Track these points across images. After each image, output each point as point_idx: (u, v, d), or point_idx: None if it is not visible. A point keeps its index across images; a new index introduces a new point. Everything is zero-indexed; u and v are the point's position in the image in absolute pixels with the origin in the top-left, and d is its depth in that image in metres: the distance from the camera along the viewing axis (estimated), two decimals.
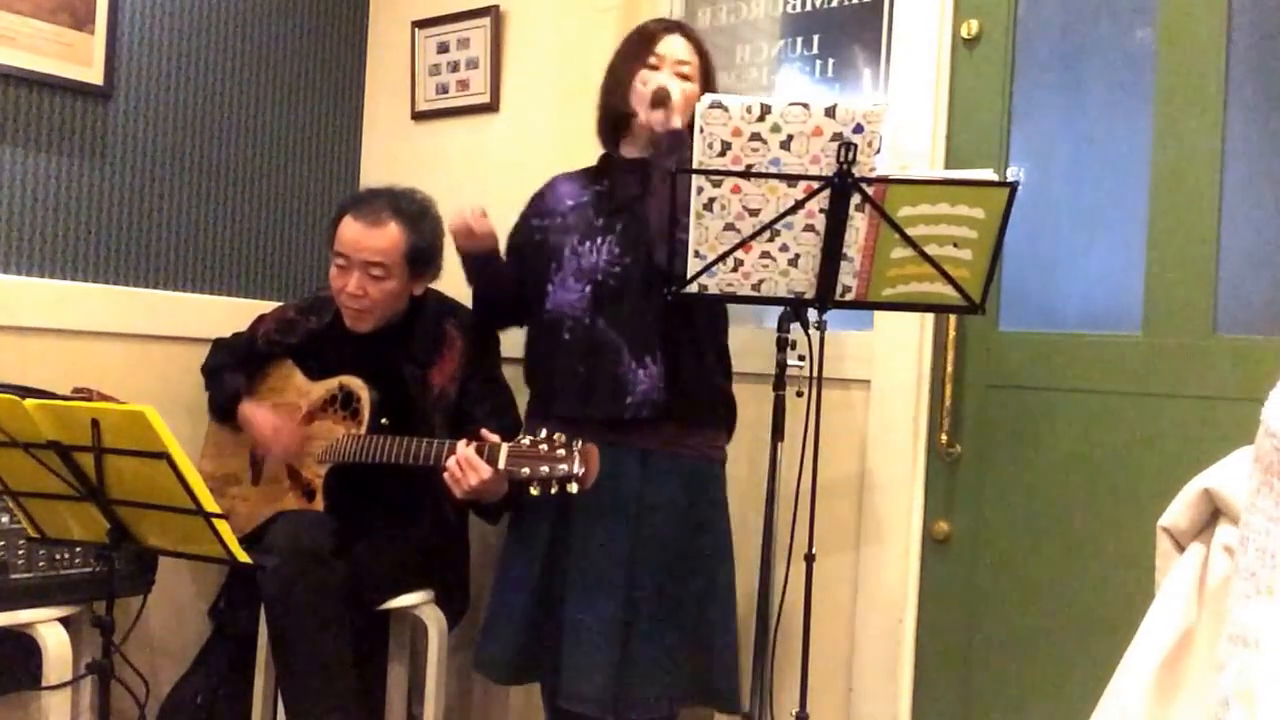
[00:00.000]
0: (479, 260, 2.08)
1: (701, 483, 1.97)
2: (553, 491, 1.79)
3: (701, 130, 1.56)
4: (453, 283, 2.37)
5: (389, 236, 2.19)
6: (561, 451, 1.78)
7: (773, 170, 1.57)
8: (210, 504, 1.62)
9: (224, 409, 2.36)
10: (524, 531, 2.01)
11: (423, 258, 2.24)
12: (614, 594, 1.87)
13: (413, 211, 2.23)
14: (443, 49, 2.79)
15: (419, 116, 2.87)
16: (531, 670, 2.00)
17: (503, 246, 2.13)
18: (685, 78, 1.97)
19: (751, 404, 2.10)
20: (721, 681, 1.92)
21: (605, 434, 1.90)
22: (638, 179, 1.94)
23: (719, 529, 1.99)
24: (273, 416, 2.29)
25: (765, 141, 1.56)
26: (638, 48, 2.00)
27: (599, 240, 1.97)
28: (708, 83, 2.00)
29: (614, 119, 2.01)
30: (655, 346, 1.91)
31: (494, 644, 1.99)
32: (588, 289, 1.96)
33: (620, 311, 1.93)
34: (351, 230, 2.19)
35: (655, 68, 1.96)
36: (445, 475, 1.91)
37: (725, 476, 2.05)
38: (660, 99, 1.88)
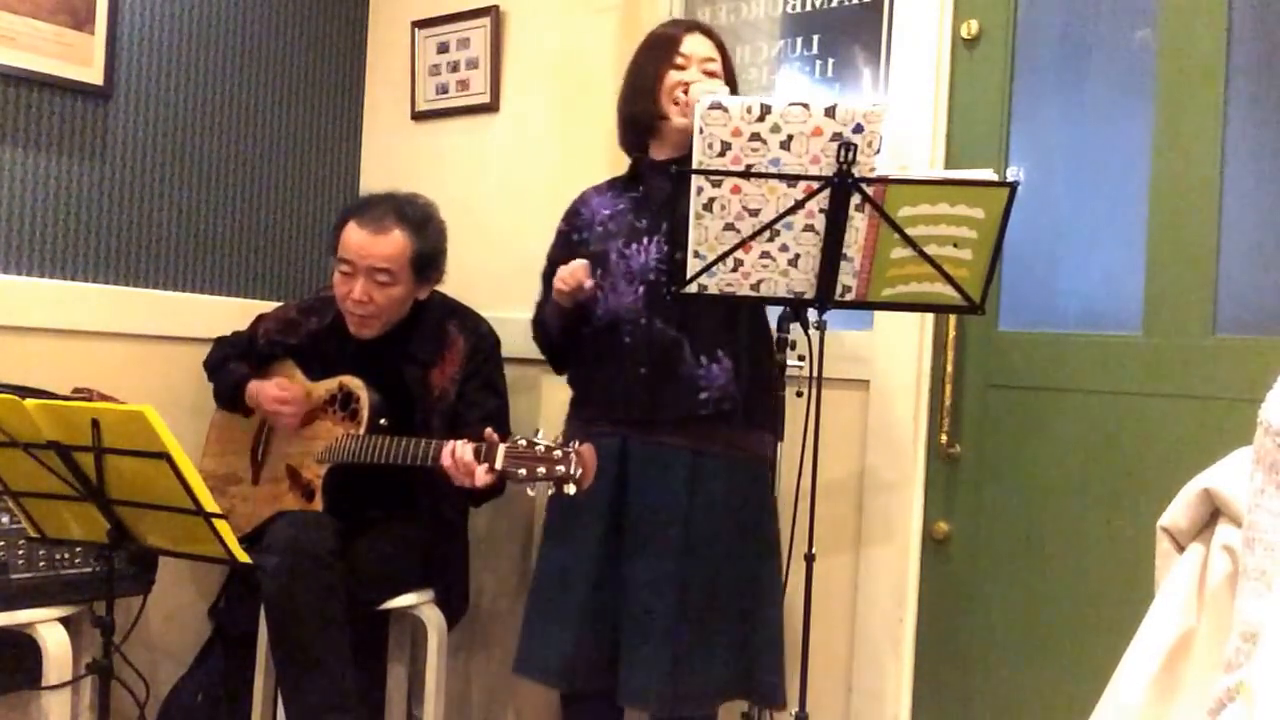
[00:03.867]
0: (577, 311, 1.98)
1: (752, 484, 1.93)
2: (549, 493, 1.79)
3: (701, 131, 1.55)
4: (455, 284, 2.37)
5: (395, 243, 2.18)
6: (558, 453, 1.78)
7: (773, 170, 1.57)
8: (210, 504, 1.62)
9: (231, 397, 2.37)
10: (570, 534, 1.98)
11: (428, 263, 2.23)
12: (669, 592, 1.85)
13: (417, 217, 2.23)
14: (443, 49, 2.79)
15: (419, 116, 2.87)
16: (584, 673, 1.91)
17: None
18: (713, 75, 1.94)
19: None
20: (764, 677, 1.90)
21: (666, 434, 1.89)
22: (671, 179, 1.89)
23: (767, 530, 1.94)
24: (278, 389, 2.28)
25: (765, 142, 1.56)
26: (663, 50, 1.96)
27: (645, 241, 1.94)
28: (731, 80, 1.98)
29: (644, 123, 1.97)
30: (724, 341, 1.88)
31: (546, 647, 1.92)
32: (641, 290, 1.92)
33: (676, 309, 1.89)
34: (357, 237, 2.18)
35: (682, 68, 1.94)
36: (445, 466, 1.92)
37: (774, 479, 2.00)
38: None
